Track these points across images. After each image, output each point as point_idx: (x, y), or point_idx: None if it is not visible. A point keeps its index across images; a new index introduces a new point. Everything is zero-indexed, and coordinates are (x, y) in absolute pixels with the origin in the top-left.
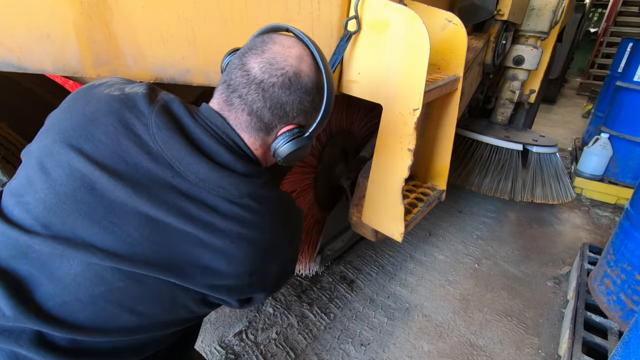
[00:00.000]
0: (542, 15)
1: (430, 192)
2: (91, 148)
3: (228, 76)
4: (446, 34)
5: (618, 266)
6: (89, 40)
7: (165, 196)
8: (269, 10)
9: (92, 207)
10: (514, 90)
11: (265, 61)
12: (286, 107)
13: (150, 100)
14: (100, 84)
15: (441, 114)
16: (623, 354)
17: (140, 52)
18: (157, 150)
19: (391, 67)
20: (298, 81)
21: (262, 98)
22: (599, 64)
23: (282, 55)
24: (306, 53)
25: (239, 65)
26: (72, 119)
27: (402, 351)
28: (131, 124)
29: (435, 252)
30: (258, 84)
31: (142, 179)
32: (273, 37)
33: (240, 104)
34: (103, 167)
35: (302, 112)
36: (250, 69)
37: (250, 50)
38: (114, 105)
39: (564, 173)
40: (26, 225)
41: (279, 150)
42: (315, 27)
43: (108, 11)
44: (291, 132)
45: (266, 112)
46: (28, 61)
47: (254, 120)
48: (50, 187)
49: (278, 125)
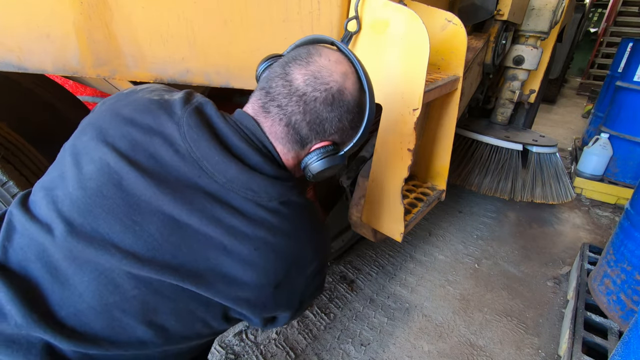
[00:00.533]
0: (542, 15)
1: (430, 192)
2: (124, 145)
3: (267, 84)
4: (446, 34)
5: (618, 266)
6: (89, 40)
7: (191, 196)
8: (269, 10)
9: (117, 203)
10: (514, 90)
11: (310, 74)
12: (325, 124)
13: (185, 102)
14: (141, 89)
15: (441, 113)
16: (623, 354)
17: (141, 52)
18: (186, 149)
19: (391, 67)
20: (341, 98)
21: (303, 111)
22: (599, 64)
23: (327, 69)
24: (351, 71)
25: (282, 74)
26: (110, 119)
27: (402, 351)
28: (164, 124)
29: (435, 252)
30: (300, 97)
31: (169, 177)
32: (319, 49)
33: (278, 113)
34: (132, 163)
35: (339, 130)
36: (293, 80)
37: (295, 61)
38: (151, 107)
39: (564, 173)
40: (48, 221)
41: (311, 166)
42: (315, 27)
43: (108, 11)
44: (325, 149)
45: (304, 125)
46: (28, 61)
47: (291, 132)
48: (79, 181)
49: (313, 140)
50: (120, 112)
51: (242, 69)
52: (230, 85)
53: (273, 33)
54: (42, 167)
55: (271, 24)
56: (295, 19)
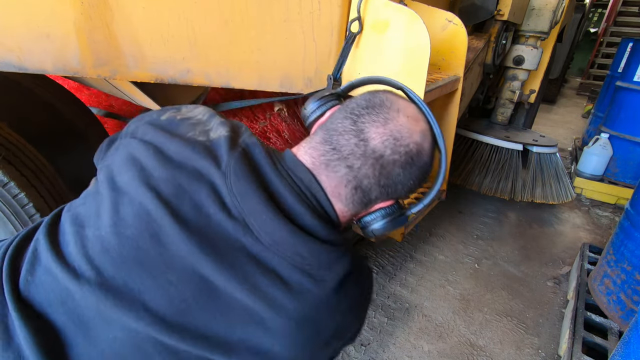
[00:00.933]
0: (542, 15)
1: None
2: (168, 190)
3: (335, 138)
4: (446, 34)
5: (618, 266)
6: (89, 40)
7: (233, 258)
8: (270, 11)
9: (152, 257)
10: (514, 90)
11: (389, 134)
12: (398, 186)
13: (232, 145)
14: (183, 120)
15: (441, 114)
16: (623, 354)
17: (141, 53)
18: (232, 203)
19: (392, 67)
20: (419, 160)
21: (378, 174)
22: (599, 64)
23: (408, 129)
24: (427, 127)
25: (354, 131)
26: (155, 158)
27: (402, 351)
28: (211, 172)
29: (435, 252)
30: (377, 159)
31: (211, 233)
32: (394, 102)
33: (347, 174)
34: (174, 213)
35: (409, 190)
36: (369, 140)
37: (370, 115)
38: (199, 152)
39: (564, 173)
40: (76, 265)
41: (373, 227)
42: (316, 27)
43: (109, 11)
44: (389, 209)
45: (376, 189)
46: (28, 61)
47: (359, 194)
48: (114, 225)
49: (379, 200)
50: (165, 151)
51: (243, 69)
52: (231, 86)
53: (274, 33)
54: (43, 168)
55: (272, 24)
56: (295, 19)
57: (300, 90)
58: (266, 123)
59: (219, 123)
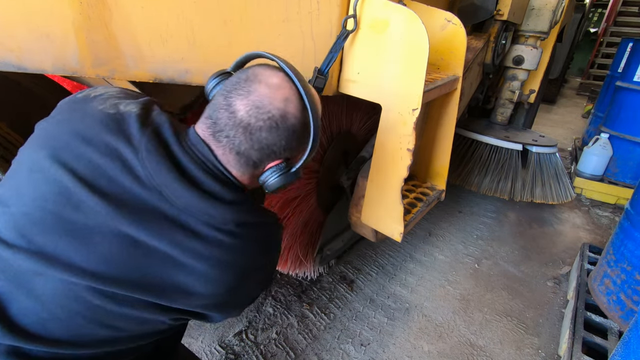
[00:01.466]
0: (542, 15)
1: (430, 192)
2: (82, 168)
3: (214, 114)
4: (446, 34)
5: (618, 266)
6: (88, 40)
7: (151, 219)
8: (269, 10)
9: (77, 225)
10: (514, 90)
11: (252, 104)
12: (273, 147)
13: (143, 123)
14: (95, 97)
15: (441, 113)
16: (623, 354)
17: (140, 53)
18: (146, 175)
19: (390, 67)
20: (285, 123)
21: (250, 140)
22: (599, 64)
23: (268, 98)
24: (292, 92)
25: (225, 105)
26: (64, 136)
27: (402, 351)
28: (122, 148)
29: (435, 252)
30: (245, 128)
31: (130, 201)
32: (258, 74)
33: (228, 143)
34: (91, 187)
35: (289, 149)
36: (236, 112)
37: (236, 90)
38: (108, 125)
39: (563, 173)
40: (9, 239)
41: (268, 183)
42: (315, 27)
43: (107, 11)
44: (278, 167)
45: (253, 152)
46: (28, 61)
47: (242, 159)
48: (37, 201)
49: (265, 161)
50: (76, 128)
51: None
52: None
53: (273, 33)
54: None
55: (271, 24)
56: (294, 19)
57: None
58: None
59: (131, 100)
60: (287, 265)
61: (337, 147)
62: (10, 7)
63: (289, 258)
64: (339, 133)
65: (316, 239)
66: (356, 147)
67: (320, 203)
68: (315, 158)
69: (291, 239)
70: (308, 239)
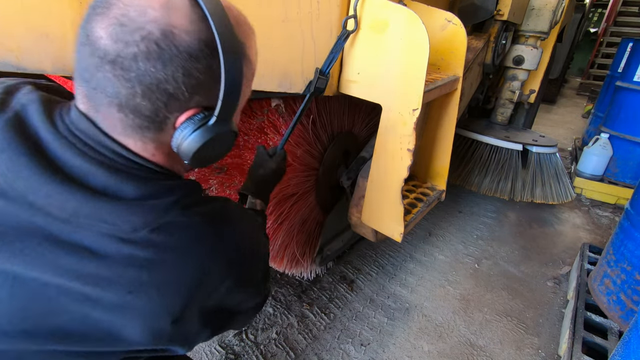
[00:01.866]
0: (542, 15)
1: (430, 192)
2: None
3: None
4: (446, 34)
5: (618, 266)
6: None
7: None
8: (269, 9)
9: None
10: (514, 90)
11: (114, 22)
12: (167, 87)
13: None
14: None
15: (441, 114)
16: (623, 354)
17: None
18: (5, 183)
19: (390, 67)
20: (172, 43)
21: (126, 81)
22: (599, 64)
23: (136, 7)
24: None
25: (83, 38)
26: None
27: (402, 351)
28: None
29: (435, 252)
30: (113, 62)
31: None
32: None
33: (101, 98)
34: None
35: (196, 88)
36: (96, 40)
37: (95, 12)
38: None
39: (563, 173)
40: None
41: (183, 147)
42: (315, 27)
43: None
44: (192, 120)
45: (140, 100)
46: (27, 61)
47: (130, 116)
48: None
49: (169, 114)
50: None
51: None
52: None
53: (272, 33)
54: None
55: (270, 24)
56: (294, 19)
57: (299, 90)
58: (263, 119)
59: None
60: (283, 264)
61: (337, 147)
62: (9, 6)
63: (285, 256)
64: (339, 133)
65: (315, 239)
66: (357, 148)
67: (319, 202)
68: (315, 156)
69: (288, 237)
70: (306, 238)
